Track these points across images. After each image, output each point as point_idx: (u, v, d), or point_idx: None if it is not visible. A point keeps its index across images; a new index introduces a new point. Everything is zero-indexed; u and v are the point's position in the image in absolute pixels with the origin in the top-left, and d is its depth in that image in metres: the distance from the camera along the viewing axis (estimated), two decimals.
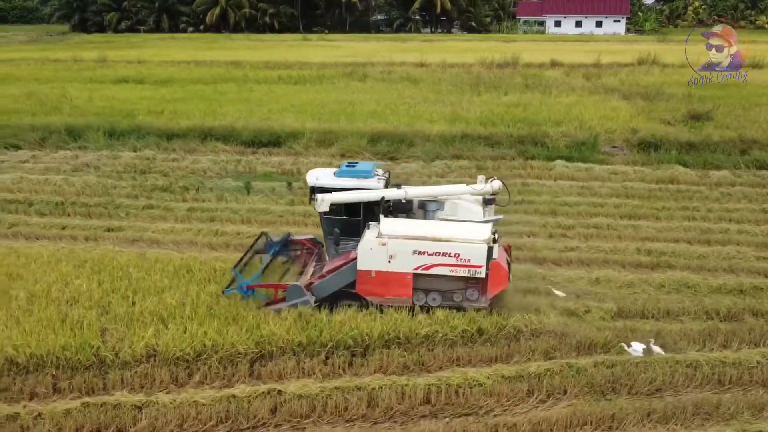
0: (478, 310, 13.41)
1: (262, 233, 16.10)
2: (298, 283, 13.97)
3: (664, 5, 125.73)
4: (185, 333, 12.40)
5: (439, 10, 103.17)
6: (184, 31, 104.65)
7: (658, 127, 30.06)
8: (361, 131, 29.02)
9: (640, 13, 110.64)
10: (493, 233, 13.35)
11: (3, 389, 11.47)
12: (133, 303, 13.63)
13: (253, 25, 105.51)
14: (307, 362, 12.25)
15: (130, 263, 15.60)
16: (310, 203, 14.63)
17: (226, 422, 10.84)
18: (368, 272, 13.35)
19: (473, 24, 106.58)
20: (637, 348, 12.55)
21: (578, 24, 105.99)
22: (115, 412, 10.75)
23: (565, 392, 11.55)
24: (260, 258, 15.25)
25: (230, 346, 12.19)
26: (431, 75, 49.16)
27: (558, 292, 15.16)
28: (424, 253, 13.16)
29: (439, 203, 14.24)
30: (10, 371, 11.72)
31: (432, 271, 13.24)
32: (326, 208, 13.90)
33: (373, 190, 14.20)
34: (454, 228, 13.50)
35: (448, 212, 14.14)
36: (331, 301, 13.73)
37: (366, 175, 14.58)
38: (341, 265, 13.79)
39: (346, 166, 15.06)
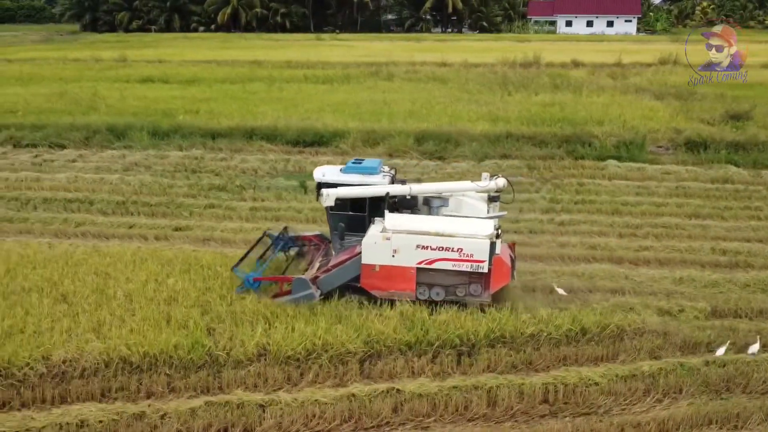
0: (481, 304, 13.51)
1: (265, 232, 16.30)
2: (303, 276, 14.11)
3: (672, 5, 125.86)
4: (293, 332, 12.40)
5: (450, 9, 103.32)
6: (195, 30, 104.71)
7: (701, 127, 30.09)
8: (405, 131, 29.02)
9: (651, 13, 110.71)
10: (497, 229, 13.47)
11: (120, 388, 11.46)
12: (231, 302, 13.63)
13: (264, 25, 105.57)
14: (416, 361, 12.25)
15: (215, 262, 15.58)
16: (317, 199, 14.76)
17: (350, 421, 10.84)
18: (372, 266, 13.48)
19: (484, 24, 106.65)
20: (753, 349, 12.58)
21: (589, 24, 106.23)
22: (241, 411, 10.74)
23: (680, 391, 11.55)
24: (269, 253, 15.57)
25: (340, 345, 12.19)
26: (456, 75, 49.21)
27: (560, 290, 15.18)
28: (427, 247, 13.27)
29: (444, 200, 14.38)
30: (124, 370, 11.72)
31: (435, 265, 13.34)
32: (331, 203, 14.06)
33: (377, 185, 14.30)
34: (458, 223, 13.60)
35: (453, 209, 14.26)
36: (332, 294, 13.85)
37: (372, 171, 14.68)
38: (346, 260, 13.94)
39: (353, 162, 15.22)
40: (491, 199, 14.30)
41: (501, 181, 14.22)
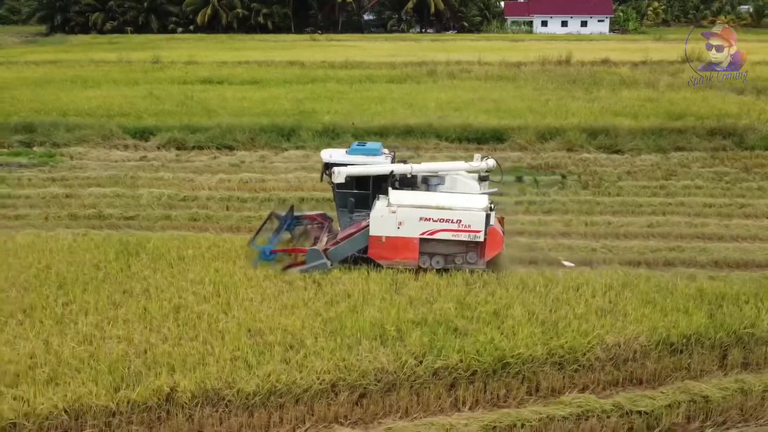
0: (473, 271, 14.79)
1: (272, 213, 17.39)
2: (316, 248, 15.26)
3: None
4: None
5: (432, 10, 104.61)
6: (173, 31, 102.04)
7: None
8: (577, 126, 29.97)
9: (620, 13, 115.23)
10: (490, 203, 14.90)
11: (673, 368, 11.99)
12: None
13: (245, 26, 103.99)
14: None
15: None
16: (321, 180, 16.22)
17: None
18: (379, 237, 14.76)
19: (465, 24, 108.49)
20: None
21: (564, 24, 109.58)
22: None
23: None
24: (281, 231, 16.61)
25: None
26: (513, 73, 50.18)
27: (567, 263, 16.75)
28: (429, 219, 14.66)
29: (440, 178, 15.91)
30: (664, 351, 12.22)
31: (436, 236, 14.71)
32: (342, 180, 15.26)
33: (382, 164, 15.69)
34: (456, 198, 15.06)
35: (449, 187, 15.85)
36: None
37: (375, 153, 16.06)
38: (355, 232, 15.17)
39: (357, 145, 16.58)
40: (482, 179, 15.97)
41: (491, 162, 16.01)
